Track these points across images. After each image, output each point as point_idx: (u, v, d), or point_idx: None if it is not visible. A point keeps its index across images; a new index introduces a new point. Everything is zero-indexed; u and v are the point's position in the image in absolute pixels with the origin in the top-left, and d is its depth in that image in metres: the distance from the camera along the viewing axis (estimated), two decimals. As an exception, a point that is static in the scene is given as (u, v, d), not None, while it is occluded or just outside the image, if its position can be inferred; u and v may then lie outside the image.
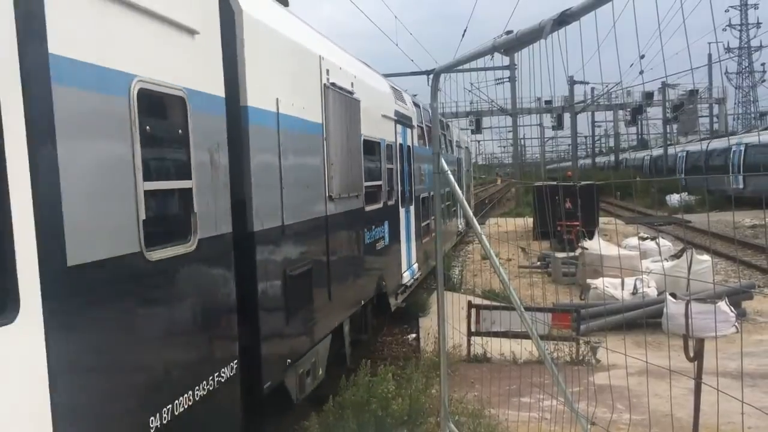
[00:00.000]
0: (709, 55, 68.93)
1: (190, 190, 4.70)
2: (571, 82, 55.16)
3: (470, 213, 5.74)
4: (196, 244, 4.70)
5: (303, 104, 7.17)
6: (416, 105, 15.33)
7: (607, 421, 6.00)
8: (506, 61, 40.68)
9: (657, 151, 56.68)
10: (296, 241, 6.86)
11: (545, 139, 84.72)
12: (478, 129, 55.77)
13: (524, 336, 9.19)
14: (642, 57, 34.12)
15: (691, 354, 5.85)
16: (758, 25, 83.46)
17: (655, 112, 70.97)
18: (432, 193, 5.50)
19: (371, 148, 10.40)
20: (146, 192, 4.10)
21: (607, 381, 7.81)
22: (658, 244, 19.37)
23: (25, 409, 3.04)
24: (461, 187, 24.78)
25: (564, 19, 3.44)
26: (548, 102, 61.29)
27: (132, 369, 3.99)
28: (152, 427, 4.07)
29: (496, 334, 10.03)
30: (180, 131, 4.67)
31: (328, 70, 8.04)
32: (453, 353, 10.04)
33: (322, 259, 7.61)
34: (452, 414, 6.72)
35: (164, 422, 4.19)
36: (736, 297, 13.37)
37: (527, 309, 6.09)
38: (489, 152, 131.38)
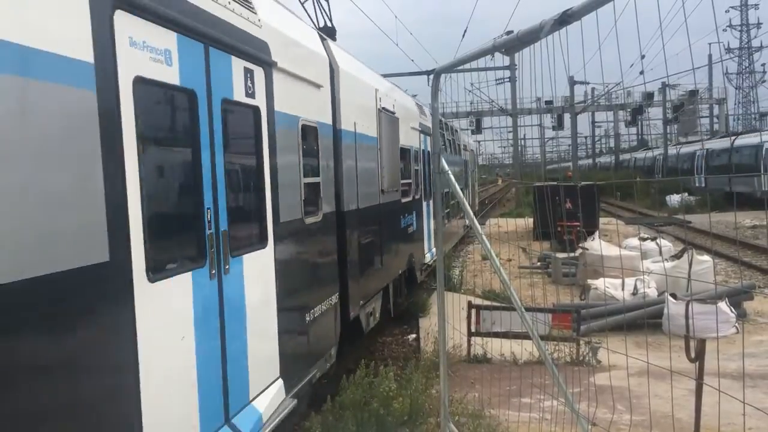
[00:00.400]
0: (710, 56, 68.99)
1: (318, 183, 7.62)
2: (572, 82, 55.14)
3: (471, 214, 5.74)
4: (321, 217, 7.64)
5: (367, 124, 9.98)
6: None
7: (607, 422, 5.99)
8: (506, 61, 40.70)
9: (669, 151, 56.11)
10: (364, 220, 9.57)
11: (545, 140, 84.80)
12: (478, 129, 55.80)
13: (524, 336, 9.19)
14: (642, 57, 34.10)
15: (693, 355, 5.84)
16: (759, 25, 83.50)
17: (655, 113, 70.97)
18: (448, 190, 6.40)
19: (405, 154, 13.13)
20: (304, 184, 7.09)
21: (607, 382, 7.83)
22: (658, 245, 19.36)
23: (270, 284, 6.07)
24: (468, 187, 26.28)
25: (565, 18, 3.43)
26: (548, 102, 61.25)
27: (300, 282, 6.97)
28: (307, 320, 7.10)
29: (497, 335, 10.01)
30: (315, 147, 7.58)
31: (380, 98, 10.82)
32: (453, 353, 10.04)
33: (377, 235, 10.33)
34: (452, 414, 6.72)
35: (310, 319, 7.21)
36: (737, 297, 13.37)
37: (527, 309, 6.08)
38: (489, 152, 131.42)
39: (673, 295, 12.55)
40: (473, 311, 10.75)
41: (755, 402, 5.76)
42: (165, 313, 4.24)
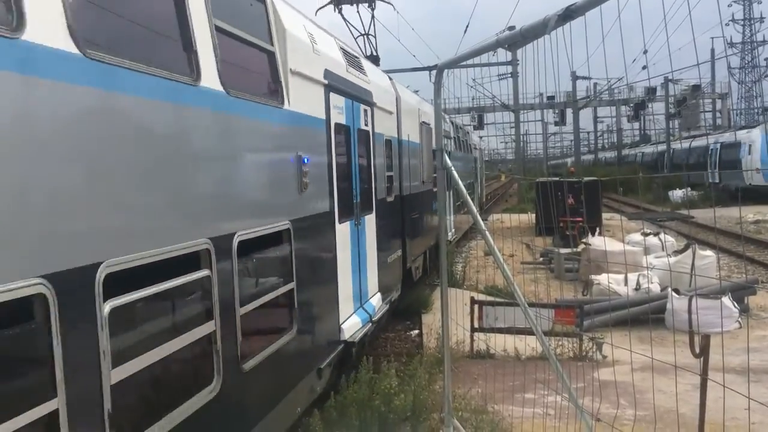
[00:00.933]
0: (712, 50, 68.81)
1: (392, 175, 11.58)
2: (574, 78, 55.06)
3: (474, 210, 5.73)
4: (393, 197, 11.59)
5: (413, 134, 14.05)
6: (451, 122, 23.40)
7: (611, 417, 5.98)
8: (509, 56, 40.63)
9: (674, 144, 55.28)
10: (413, 202, 13.47)
11: (548, 135, 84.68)
12: (480, 125, 55.74)
13: (527, 332, 9.18)
14: (645, 52, 34.03)
15: (697, 350, 5.83)
16: (762, 20, 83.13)
17: (657, 108, 70.73)
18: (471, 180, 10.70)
19: (435, 153, 16.37)
20: (386, 176, 11.03)
21: (609, 377, 7.81)
22: (661, 240, 19.33)
23: (373, 235, 9.92)
24: (477, 182, 29.79)
25: (569, 14, 3.41)
26: (551, 98, 61.16)
27: (385, 237, 10.68)
28: (388, 261, 10.94)
29: (500, 330, 10.00)
30: (390, 153, 11.54)
31: (420, 114, 15.08)
32: (456, 349, 10.03)
33: (420, 213, 14.17)
34: (456, 410, 6.72)
35: (390, 261, 11.17)
36: (740, 293, 13.35)
37: (531, 305, 6.08)
38: (492, 148, 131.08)
39: (676, 291, 12.53)
40: (476, 307, 10.75)
41: (759, 397, 5.74)
42: (343, 238, 8.26)
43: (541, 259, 20.90)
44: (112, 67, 3.70)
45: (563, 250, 18.63)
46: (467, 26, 40.60)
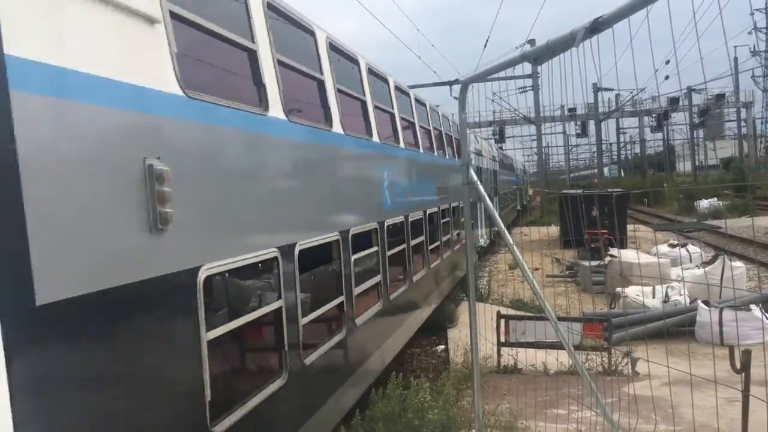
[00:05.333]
0: (735, 59, 68.05)
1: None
2: (596, 89, 54.77)
3: (502, 226, 5.70)
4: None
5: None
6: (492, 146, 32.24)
7: (644, 433, 5.89)
8: (528, 69, 40.53)
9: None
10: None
11: (570, 147, 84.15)
12: (501, 139, 55.58)
13: (555, 346, 9.08)
14: (667, 62, 33.76)
15: (738, 365, 5.72)
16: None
17: (681, 118, 69.98)
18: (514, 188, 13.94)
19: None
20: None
21: (639, 391, 7.68)
22: (688, 251, 19.08)
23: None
24: (520, 200, 35.41)
25: (596, 26, 3.40)
26: (572, 110, 60.80)
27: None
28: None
29: (528, 345, 9.90)
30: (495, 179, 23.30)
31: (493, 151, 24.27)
32: (483, 364, 9.94)
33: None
34: (485, 426, 6.66)
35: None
36: (771, 304, 13.09)
37: (559, 319, 6.02)
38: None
39: (705, 303, 12.35)
40: (502, 321, 10.66)
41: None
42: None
43: (567, 272, 20.72)
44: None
45: (589, 263, 18.45)
46: (487, 40, 40.53)
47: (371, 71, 9.32)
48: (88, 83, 3.30)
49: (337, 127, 7.24)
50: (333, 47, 7.57)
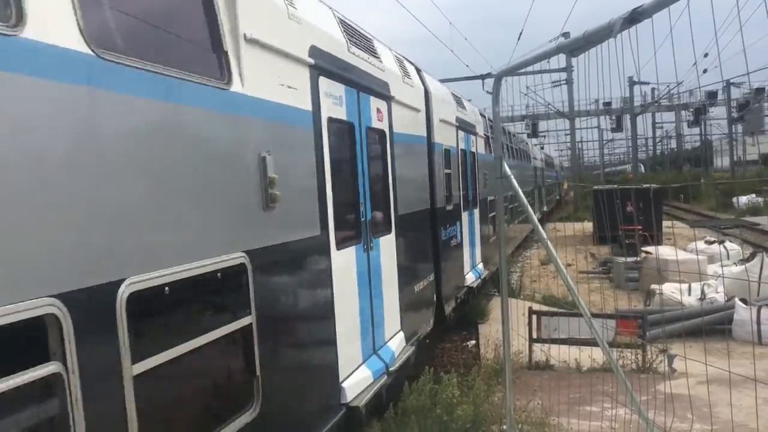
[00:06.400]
0: (776, 52, 66.26)
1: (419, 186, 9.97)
2: (631, 83, 53.91)
3: (535, 219, 5.64)
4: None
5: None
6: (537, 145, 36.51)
7: (679, 432, 5.80)
8: (563, 62, 40.01)
9: None
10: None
11: (604, 142, 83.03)
12: (534, 133, 55.01)
13: (588, 343, 8.98)
14: (706, 55, 33.12)
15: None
16: (828, 19, 79.66)
17: (719, 112, 68.50)
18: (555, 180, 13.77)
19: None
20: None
21: (674, 389, 7.56)
22: (725, 248, 18.72)
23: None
24: (555, 196, 36.06)
25: (635, 17, 3.33)
26: (607, 104, 59.93)
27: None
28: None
29: (563, 342, 9.79)
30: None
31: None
32: (514, 360, 9.87)
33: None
34: (516, 422, 6.61)
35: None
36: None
37: (594, 316, 5.94)
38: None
39: (743, 301, 12.11)
40: (534, 317, 10.57)
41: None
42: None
43: (600, 268, 20.48)
44: None
45: (623, 259, 18.21)
46: (521, 33, 40.24)
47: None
48: None
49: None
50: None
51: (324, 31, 6.18)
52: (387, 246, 7.64)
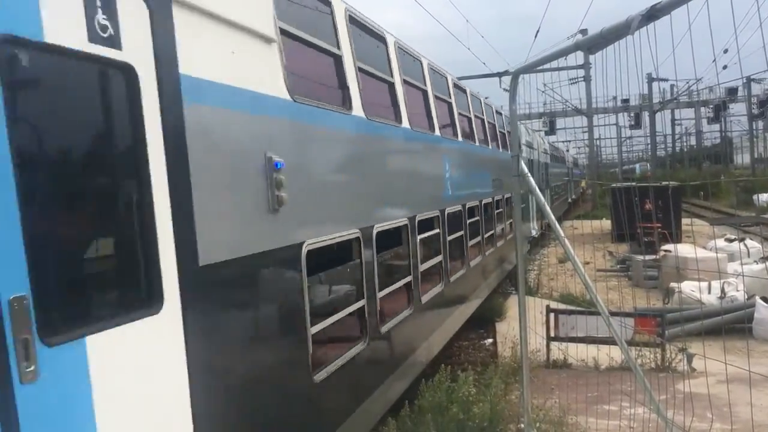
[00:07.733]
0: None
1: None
2: (650, 80, 53.46)
3: (553, 218, 5.61)
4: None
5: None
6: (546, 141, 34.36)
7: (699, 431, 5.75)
8: (580, 60, 39.75)
9: None
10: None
11: (622, 139, 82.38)
12: (551, 130, 54.71)
13: (606, 341, 8.92)
14: (725, 51, 32.76)
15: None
16: None
17: (739, 109, 67.68)
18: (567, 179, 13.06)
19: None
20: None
21: (693, 389, 7.50)
22: (746, 246, 18.53)
23: None
24: (570, 192, 41.53)
25: (653, 13, 3.30)
26: (625, 101, 59.44)
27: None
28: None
29: (581, 340, 9.74)
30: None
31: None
32: (531, 359, 9.83)
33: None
34: (533, 421, 6.59)
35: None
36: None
37: (612, 314, 5.90)
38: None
39: (764, 299, 11.98)
40: (552, 315, 10.53)
41: None
42: None
43: (618, 266, 20.34)
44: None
45: (642, 257, 18.08)
46: (537, 31, 39.99)
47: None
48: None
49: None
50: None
51: None
52: None
